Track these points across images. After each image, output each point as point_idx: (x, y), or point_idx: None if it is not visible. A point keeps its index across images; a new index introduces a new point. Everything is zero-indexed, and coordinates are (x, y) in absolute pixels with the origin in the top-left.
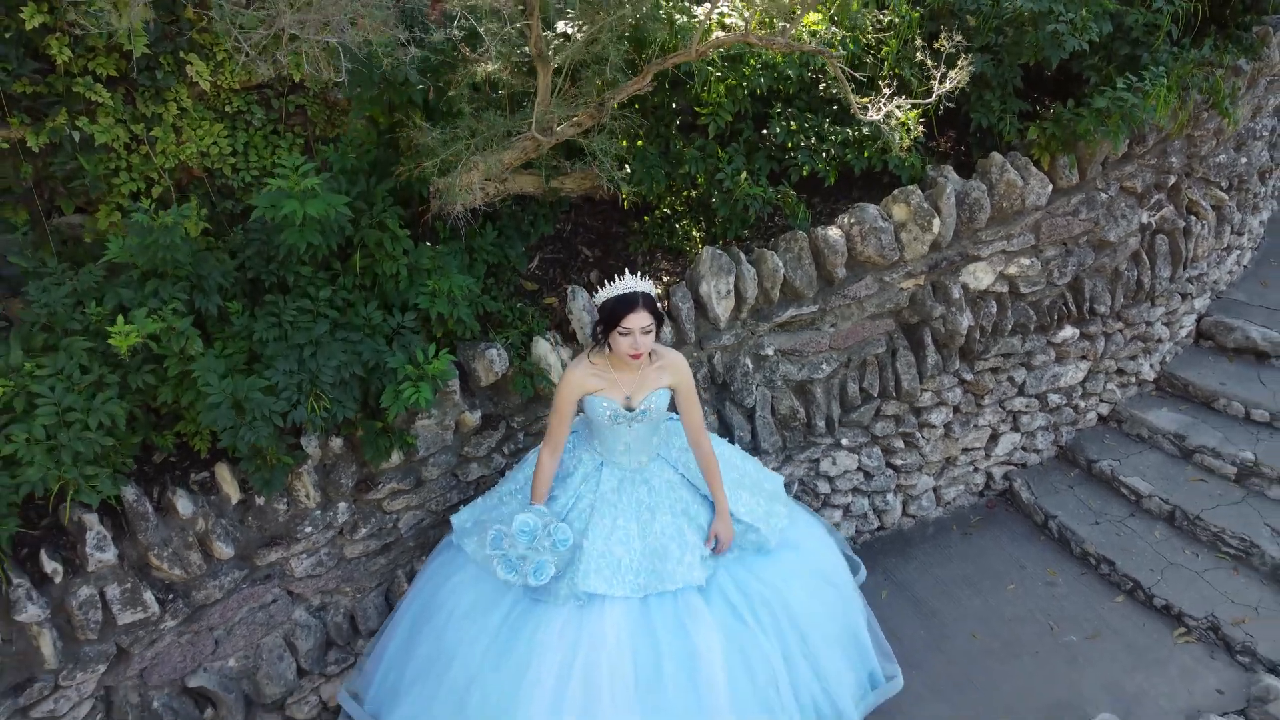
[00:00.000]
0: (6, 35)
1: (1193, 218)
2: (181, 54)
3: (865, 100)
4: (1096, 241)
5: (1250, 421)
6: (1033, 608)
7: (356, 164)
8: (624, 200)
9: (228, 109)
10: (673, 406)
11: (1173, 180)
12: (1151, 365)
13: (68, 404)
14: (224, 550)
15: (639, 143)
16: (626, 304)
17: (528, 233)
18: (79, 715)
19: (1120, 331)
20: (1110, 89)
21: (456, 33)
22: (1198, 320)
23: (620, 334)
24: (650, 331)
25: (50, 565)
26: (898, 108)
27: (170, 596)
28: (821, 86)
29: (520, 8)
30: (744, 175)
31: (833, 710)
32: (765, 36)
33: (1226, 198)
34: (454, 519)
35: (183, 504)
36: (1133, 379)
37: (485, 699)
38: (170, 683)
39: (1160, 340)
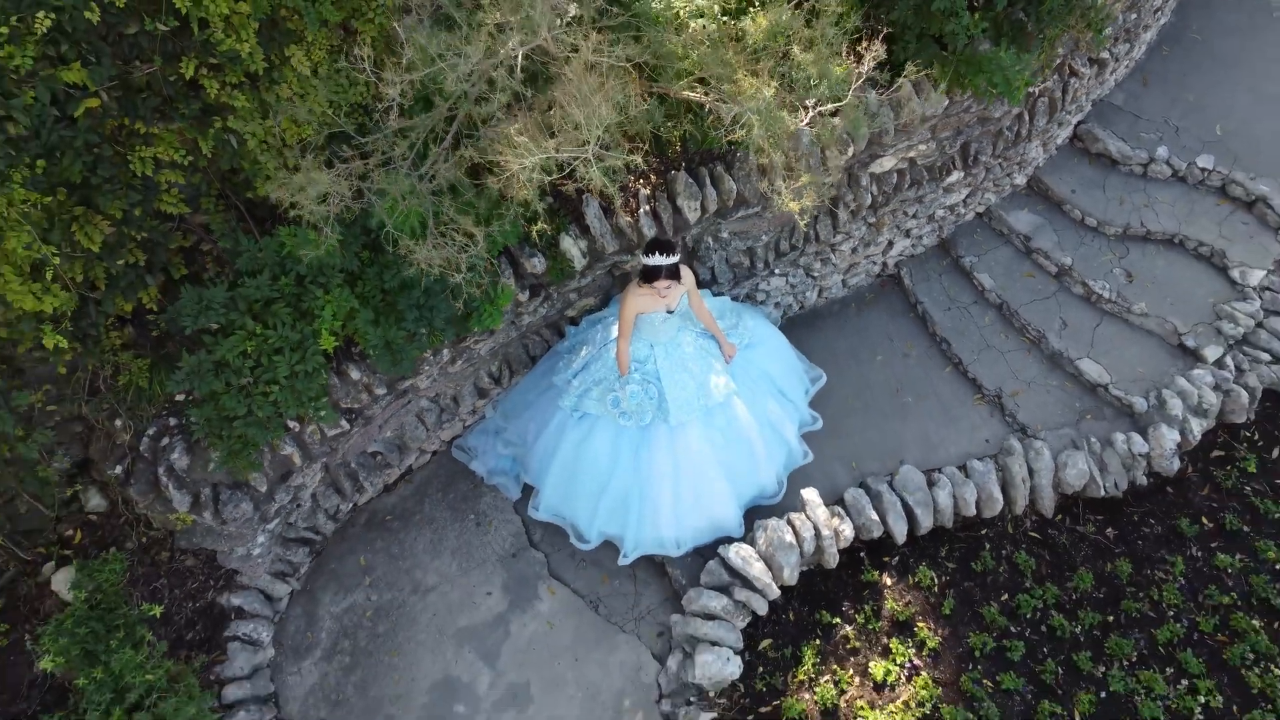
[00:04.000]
0: (171, 78)
1: (1072, 79)
2: (286, 50)
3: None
4: (983, 118)
5: (1083, 226)
6: (889, 375)
7: None
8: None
9: (320, 72)
10: None
11: (1059, 60)
12: (1025, 174)
13: (294, 360)
14: (379, 390)
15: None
16: (653, 273)
17: None
18: (314, 480)
19: (1000, 164)
20: (994, 52)
21: None
22: (1075, 125)
23: (651, 285)
24: (670, 285)
25: (291, 424)
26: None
27: (353, 416)
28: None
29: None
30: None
31: (798, 410)
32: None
33: (1110, 56)
34: (561, 382)
35: (353, 372)
36: (1007, 187)
37: (623, 488)
38: (358, 453)
39: (1034, 159)
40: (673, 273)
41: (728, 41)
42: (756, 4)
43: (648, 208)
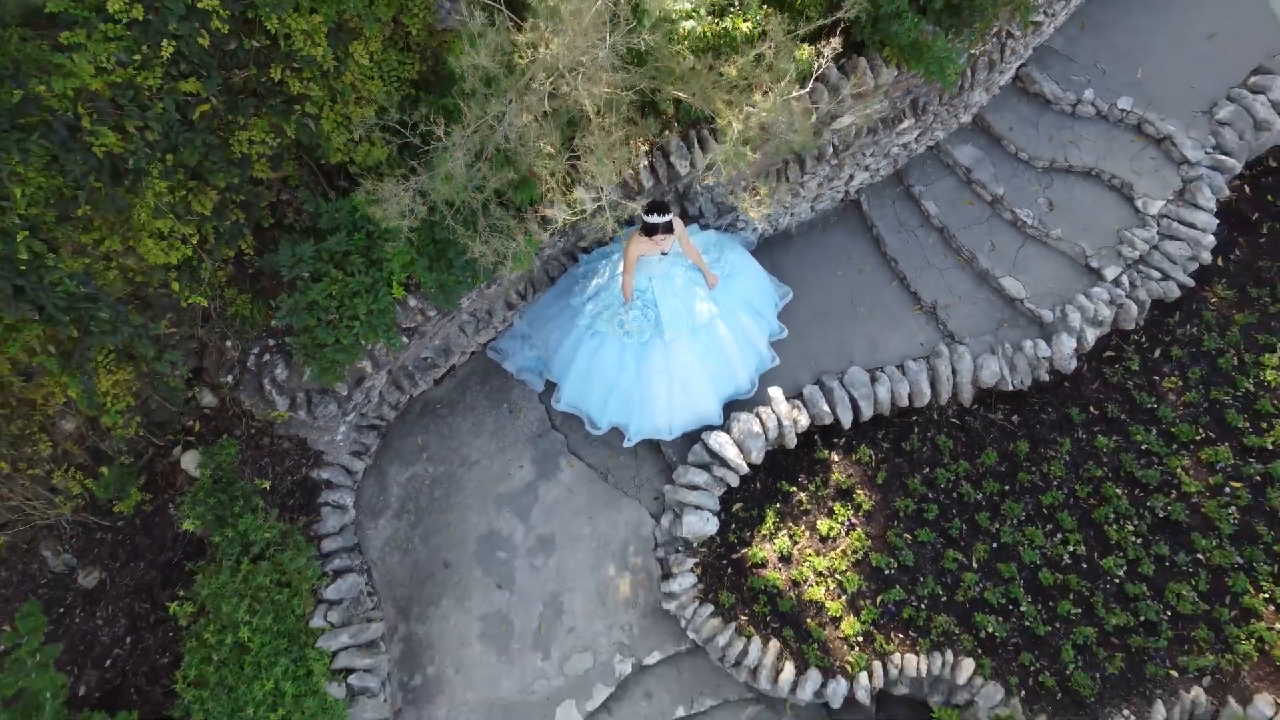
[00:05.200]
0: (263, 80)
1: (1009, 40)
2: (350, 46)
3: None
4: (928, 79)
5: (1016, 159)
6: (847, 288)
7: None
8: None
9: (375, 59)
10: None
11: (997, 27)
12: (970, 114)
13: (370, 301)
14: (431, 313)
15: None
16: (653, 229)
17: None
18: (381, 381)
19: (946, 109)
20: (933, 38)
21: None
22: (1017, 68)
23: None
24: (666, 236)
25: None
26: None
27: (410, 333)
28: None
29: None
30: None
31: (769, 323)
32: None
33: (1046, 16)
34: (578, 304)
35: (411, 301)
36: (954, 125)
37: (627, 386)
38: (413, 358)
39: (978, 101)
40: (668, 227)
41: (706, 71)
42: (737, 4)
43: (646, 163)
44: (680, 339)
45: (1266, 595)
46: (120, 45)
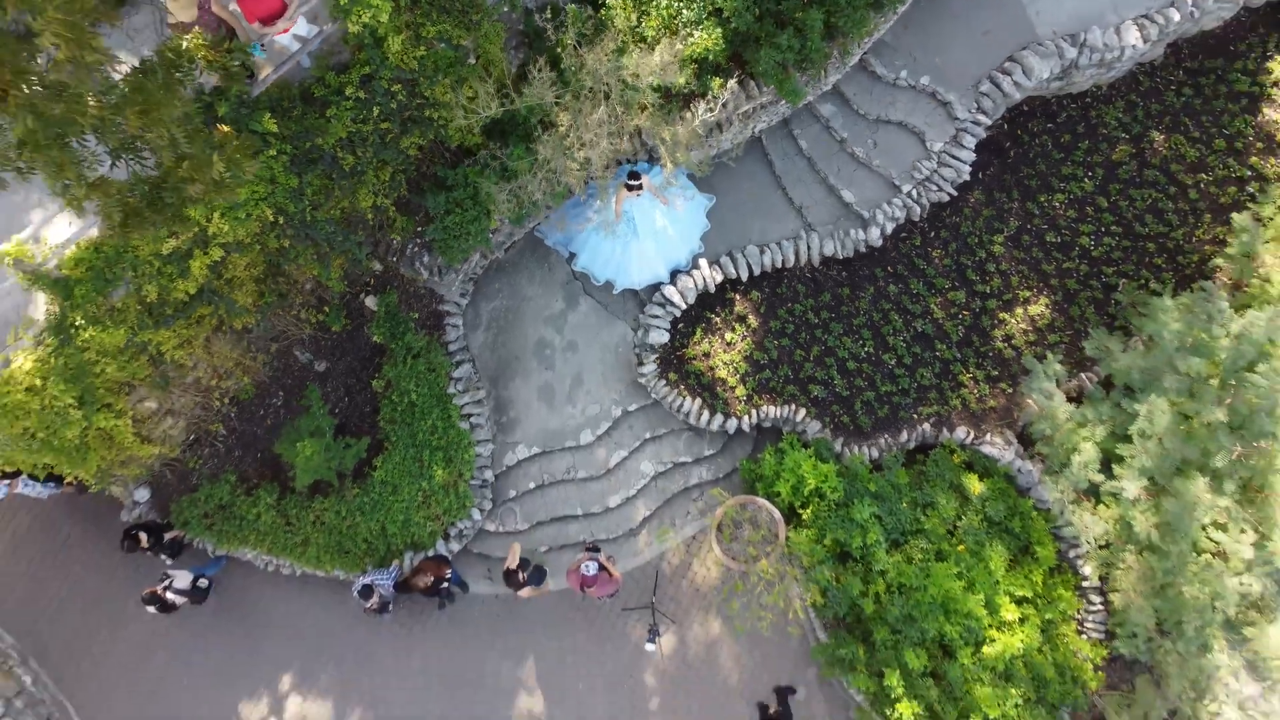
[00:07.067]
0: (420, 115)
1: (847, 54)
2: (464, 88)
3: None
4: (786, 100)
5: (857, 114)
6: (750, 196)
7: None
8: None
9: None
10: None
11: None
12: (829, 85)
13: (477, 226)
14: (506, 223)
15: None
16: (631, 188)
17: None
18: (477, 256)
19: (813, 89)
20: (788, 77)
21: None
22: (861, 56)
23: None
24: (639, 191)
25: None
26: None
27: (495, 233)
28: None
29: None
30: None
31: (700, 224)
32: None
33: (870, 36)
34: (588, 212)
35: (496, 219)
36: (820, 91)
37: (617, 259)
38: (494, 241)
39: (834, 78)
40: (639, 187)
41: (656, 112)
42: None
43: (629, 139)
44: (647, 238)
45: (970, 375)
46: (352, 112)
